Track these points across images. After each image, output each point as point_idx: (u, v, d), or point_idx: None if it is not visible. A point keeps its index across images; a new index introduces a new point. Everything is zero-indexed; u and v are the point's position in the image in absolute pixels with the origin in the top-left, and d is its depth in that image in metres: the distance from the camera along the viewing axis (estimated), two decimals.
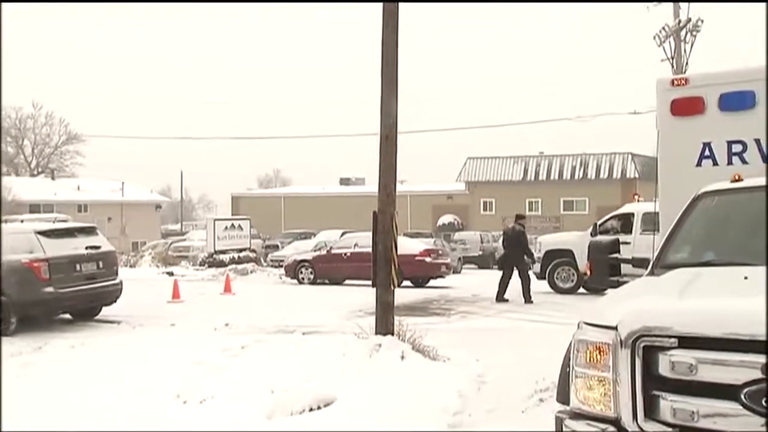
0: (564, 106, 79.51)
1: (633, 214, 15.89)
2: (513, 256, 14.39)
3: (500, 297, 14.38)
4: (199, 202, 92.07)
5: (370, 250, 8.02)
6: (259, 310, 13.04)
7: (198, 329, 10.16)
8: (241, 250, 24.46)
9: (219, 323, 10.67)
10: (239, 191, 61.64)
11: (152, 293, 15.38)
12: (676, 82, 5.64)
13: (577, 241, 16.24)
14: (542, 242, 17.10)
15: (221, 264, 23.29)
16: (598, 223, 16.11)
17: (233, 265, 22.70)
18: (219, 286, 17.76)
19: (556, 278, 16.38)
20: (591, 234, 15.77)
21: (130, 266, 24.93)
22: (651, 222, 15.54)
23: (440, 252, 19.97)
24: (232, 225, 25.18)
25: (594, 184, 45.15)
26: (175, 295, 14.70)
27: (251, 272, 22.22)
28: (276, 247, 34.77)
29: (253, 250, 25.93)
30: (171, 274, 22.28)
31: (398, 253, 7.94)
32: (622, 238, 15.46)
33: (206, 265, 23.73)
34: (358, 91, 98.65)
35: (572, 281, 16.24)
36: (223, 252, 24.12)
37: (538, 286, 16.48)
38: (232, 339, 8.72)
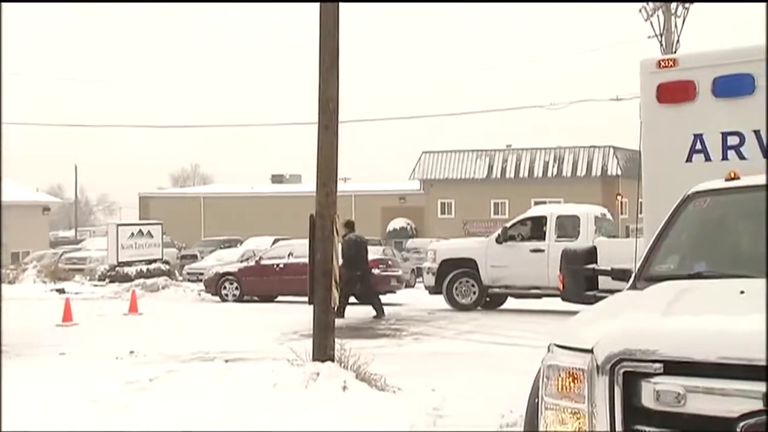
0: (535, 92, 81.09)
1: (545, 218, 16.24)
2: (355, 267, 15.11)
3: (340, 313, 14.82)
4: (98, 204, 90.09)
5: (306, 260, 7.98)
6: (172, 334, 12.80)
7: (95, 358, 9.89)
8: (150, 262, 23.98)
9: (122, 351, 10.42)
10: (148, 190, 60.51)
11: (37, 315, 14.95)
12: (663, 64, 5.70)
13: (479, 248, 16.42)
14: (437, 250, 17.12)
15: (126, 278, 22.78)
16: (507, 226, 16.36)
17: (141, 280, 22.23)
18: (123, 305, 17.37)
19: (455, 292, 16.42)
20: (497, 240, 16.11)
21: (9, 282, 24.10)
22: (566, 227, 16.06)
23: (390, 262, 20.04)
24: (140, 231, 24.66)
25: (570, 182, 46.08)
26: (67, 316, 14.29)
27: (163, 288, 21.83)
28: (194, 258, 34.28)
29: (166, 262, 25.46)
30: (62, 291, 21.69)
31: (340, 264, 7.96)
32: (535, 245, 16.08)
33: (107, 280, 23.20)
34: (293, 70, 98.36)
35: (473, 295, 16.33)
36: (129, 264, 23.59)
37: (435, 302, 16.76)
38: (138, 370, 8.52)
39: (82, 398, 6.98)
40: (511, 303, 16.65)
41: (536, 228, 16.30)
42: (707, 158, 5.44)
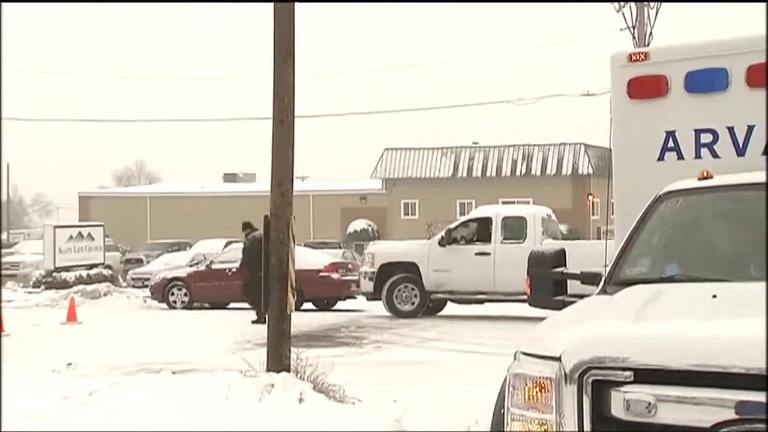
0: (503, 86, 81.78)
1: (490, 219, 16.31)
2: (259, 269, 15.36)
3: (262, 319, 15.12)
4: (33, 204, 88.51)
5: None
6: (114, 344, 12.63)
7: (30, 371, 9.70)
8: (91, 267, 23.61)
9: (59, 362, 10.25)
10: (89, 190, 59.64)
11: None
12: (634, 57, 5.75)
13: (421, 251, 16.39)
14: (376, 253, 17.01)
15: (64, 285, 22.38)
16: (452, 227, 16.41)
17: (81, 287, 21.86)
18: (60, 313, 17.09)
19: (396, 298, 16.37)
20: (440, 243, 16.15)
21: None
22: (512, 229, 16.19)
23: (350, 266, 20.02)
24: (80, 234, 24.27)
25: (540, 181, 46.58)
26: None
27: (105, 295, 21.49)
28: (139, 262, 33.89)
29: (109, 266, 25.08)
30: None
31: (297, 268, 7.91)
32: (480, 247, 16.15)
33: (43, 287, 22.77)
34: (247, 62, 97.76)
35: (414, 301, 16.33)
36: (67, 269, 23.21)
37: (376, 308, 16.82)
38: (78, 383, 8.38)
39: (15, 415, 6.85)
40: (476, 309, 16.75)
41: (481, 230, 16.35)
42: (680, 156, 5.52)
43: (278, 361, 7.52)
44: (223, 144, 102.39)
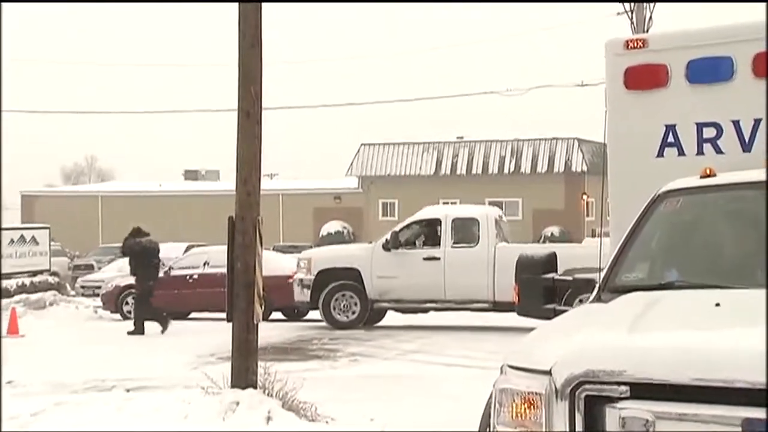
0: (490, 76, 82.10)
1: (439, 221, 16.32)
2: (149, 277, 16.13)
3: (139, 329, 15.94)
4: None
5: (225, 270, 7.95)
6: (61, 360, 12.53)
7: None
8: (35, 274, 23.34)
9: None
10: (33, 188, 59.09)
11: None
12: (631, 45, 5.78)
13: (363, 256, 16.32)
14: (313, 259, 16.84)
15: (4, 294, 22.13)
16: (397, 230, 16.37)
17: (23, 296, 21.62)
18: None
19: (334, 308, 16.25)
20: (384, 246, 16.10)
21: None
22: (464, 231, 16.22)
23: None
24: (22, 237, 23.97)
25: (530, 180, 46.83)
26: None
27: (51, 305, 21.27)
28: (89, 268, 33.61)
29: (55, 273, 24.83)
30: None
31: (264, 274, 7.91)
32: (428, 252, 16.11)
33: None
34: (210, 48, 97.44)
35: (354, 311, 16.25)
36: (8, 276, 22.89)
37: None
38: (19, 403, 8.30)
39: None
40: (461, 319, 16.78)
41: (430, 233, 16.34)
42: (680, 152, 5.55)
43: (244, 376, 7.51)
44: (183, 138, 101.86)
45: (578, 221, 45.19)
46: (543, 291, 4.65)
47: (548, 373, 3.22)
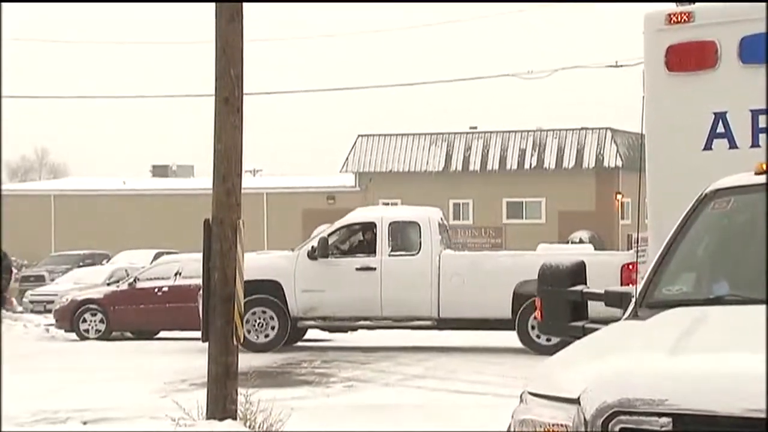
0: (508, 56, 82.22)
1: (374, 225, 16.28)
2: None
3: None
4: None
5: (200, 281, 7.97)
6: (6, 388, 12.45)
7: None
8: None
9: None
10: None
11: None
12: (674, 18, 5.77)
13: (285, 266, 16.17)
14: None
15: None
16: (325, 235, 16.36)
17: None
18: None
19: (252, 325, 15.78)
20: (310, 255, 15.97)
21: None
22: (403, 237, 16.27)
23: None
24: None
25: (555, 176, 46.86)
26: None
27: None
28: (40, 280, 33.56)
29: None
30: None
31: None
32: (362, 261, 15.97)
33: None
34: (183, 21, 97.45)
35: (270, 332, 16.03)
36: None
37: (377, 338, 16.77)
38: None
39: None
40: (471, 338, 16.79)
41: (364, 239, 16.39)
42: (732, 144, 5.57)
43: (221, 405, 7.53)
44: (151, 128, 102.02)
45: (611, 225, 45.21)
46: (569, 306, 4.64)
47: (576, 401, 3.23)
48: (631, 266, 14.72)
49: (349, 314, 15.92)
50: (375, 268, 15.81)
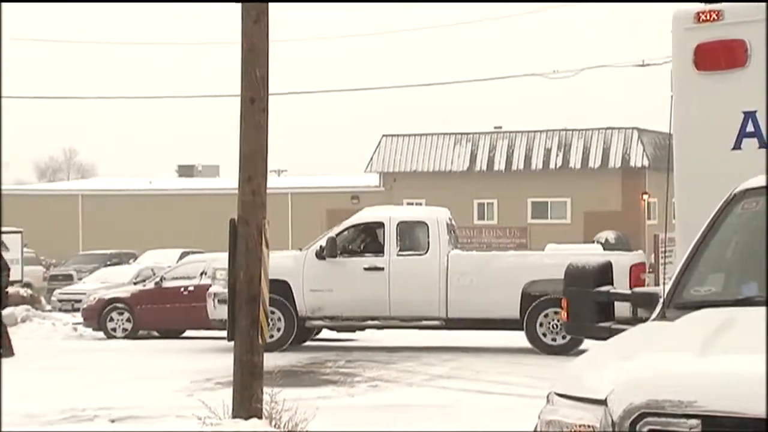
0: (533, 55, 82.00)
1: (382, 225, 16.29)
2: None
3: None
4: None
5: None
6: (34, 385, 12.61)
7: None
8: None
9: None
10: (2, 186, 59.55)
11: None
12: (703, 17, 5.74)
13: (293, 265, 16.07)
14: None
15: None
16: (333, 235, 16.32)
17: None
18: None
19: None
20: (318, 254, 15.98)
21: None
22: (411, 237, 16.21)
23: None
24: None
25: (580, 176, 46.68)
26: None
27: (24, 321, 21.46)
28: (68, 279, 33.89)
29: (28, 285, 25.06)
30: None
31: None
32: (370, 260, 16.01)
33: None
34: (209, 22, 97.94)
35: (279, 330, 16.01)
36: None
37: (399, 337, 16.75)
38: None
39: None
40: (497, 339, 16.76)
41: (372, 238, 16.37)
42: (762, 144, 5.54)
43: (247, 404, 7.55)
44: (177, 129, 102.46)
45: (638, 225, 44.99)
46: (596, 307, 4.62)
47: (603, 402, 3.22)
48: (640, 267, 14.72)
49: (356, 314, 15.96)
50: (383, 268, 15.84)
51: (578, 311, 4.66)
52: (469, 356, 15.41)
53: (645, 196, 44.34)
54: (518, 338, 16.49)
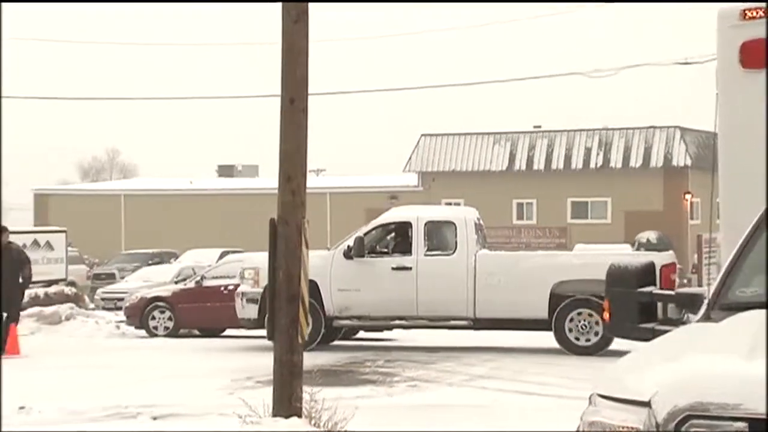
0: (573, 53, 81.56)
1: (410, 224, 16.21)
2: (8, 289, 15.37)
3: None
4: None
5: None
6: (78, 382, 12.74)
7: None
8: (50, 284, 23.88)
9: (10, 407, 10.37)
10: (47, 186, 60.40)
11: None
12: (749, 14, 5.68)
13: (321, 265, 15.75)
14: (261, 269, 15.84)
15: None
16: (361, 235, 16.24)
17: (36, 309, 22.12)
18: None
19: None
20: (346, 254, 15.93)
21: None
22: (439, 236, 16.08)
23: None
24: (35, 242, 24.53)
25: (621, 176, 46.35)
26: None
27: (68, 319, 21.71)
28: (111, 278, 34.32)
29: (72, 283, 25.36)
30: None
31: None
32: (398, 260, 15.95)
33: None
34: (249, 23, 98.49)
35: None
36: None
37: (438, 337, 16.69)
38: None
39: None
40: (536, 339, 16.67)
41: (399, 238, 16.32)
42: None
43: (287, 403, 7.57)
44: (217, 129, 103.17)
45: (680, 225, 44.59)
46: (639, 307, 4.58)
47: (647, 404, 3.20)
48: (670, 267, 14.56)
49: (384, 314, 15.96)
50: (410, 268, 15.81)
51: (621, 312, 4.62)
52: (507, 356, 15.35)
53: (687, 196, 43.91)
54: (547, 339, 16.40)
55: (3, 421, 9.75)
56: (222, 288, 19.62)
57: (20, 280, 15.96)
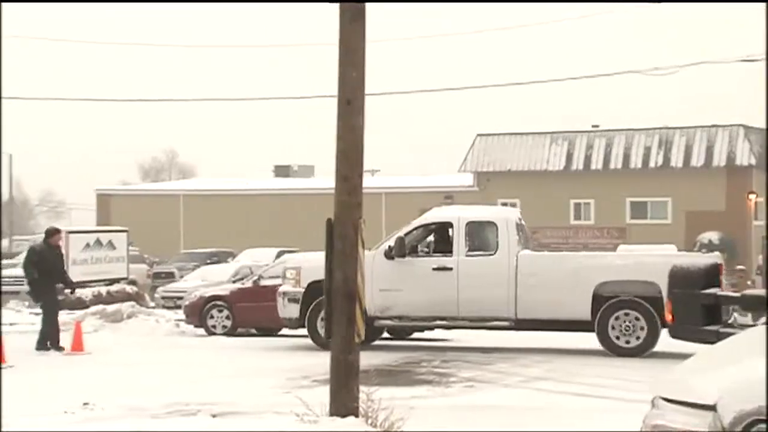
0: (632, 51, 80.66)
1: (451, 225, 16.08)
2: (47, 285, 16.54)
3: (45, 344, 16.13)
4: (40, 204, 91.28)
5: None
6: (139, 379, 12.92)
7: (38, 412, 9.99)
8: (112, 282, 24.26)
9: (73, 402, 10.54)
10: (109, 186, 61.29)
11: None
12: None
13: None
14: (302, 268, 16.25)
15: (79, 305, 22.99)
16: (402, 235, 16.06)
17: (99, 307, 22.45)
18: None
19: (321, 324, 14.97)
20: (387, 254, 15.80)
21: None
22: (480, 237, 15.88)
23: None
24: (98, 241, 24.94)
25: (682, 175, 45.79)
26: None
27: (129, 317, 22.01)
28: (171, 276, 34.66)
29: (133, 282, 25.68)
30: None
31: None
32: (439, 260, 15.79)
33: None
34: (304, 25, 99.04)
35: None
36: (82, 285, 23.80)
37: (495, 338, 16.57)
38: (96, 427, 8.57)
39: None
40: (590, 341, 16.52)
41: (440, 238, 16.23)
42: None
43: (344, 402, 7.59)
44: (274, 130, 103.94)
45: (744, 226, 43.91)
46: (703, 309, 4.52)
47: (712, 408, 3.15)
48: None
49: (425, 314, 15.92)
50: (452, 268, 15.74)
51: (684, 314, 4.55)
52: (562, 358, 15.26)
53: (752, 196, 43.20)
54: (589, 339, 16.23)
55: (68, 416, 9.92)
56: (279, 287, 19.79)
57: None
